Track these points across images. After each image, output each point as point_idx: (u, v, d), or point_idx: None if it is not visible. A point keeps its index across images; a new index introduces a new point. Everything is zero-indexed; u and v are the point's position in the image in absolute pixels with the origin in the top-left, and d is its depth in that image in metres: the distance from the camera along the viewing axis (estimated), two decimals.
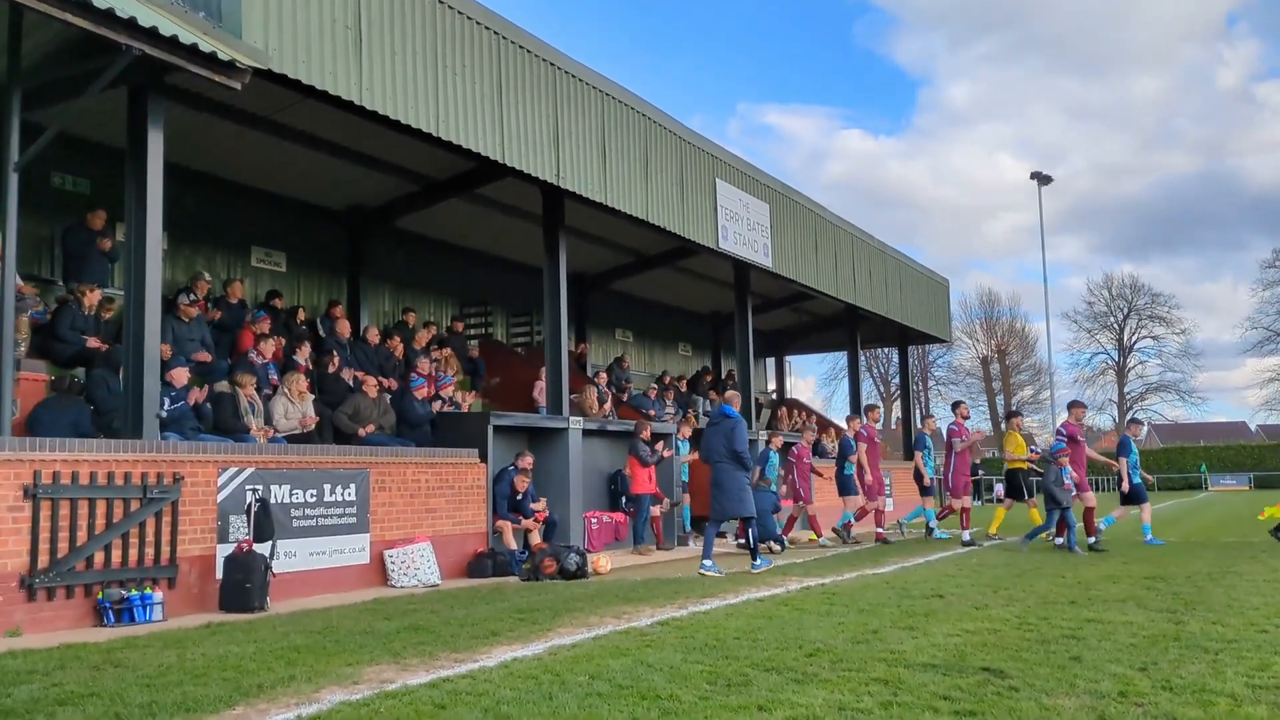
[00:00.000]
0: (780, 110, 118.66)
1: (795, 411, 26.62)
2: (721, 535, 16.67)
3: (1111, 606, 7.83)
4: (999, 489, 17.24)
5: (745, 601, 8.57)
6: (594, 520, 14.14)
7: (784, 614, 7.71)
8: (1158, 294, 72.91)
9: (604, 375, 18.63)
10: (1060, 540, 13.58)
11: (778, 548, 14.07)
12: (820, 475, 17.26)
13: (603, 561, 11.79)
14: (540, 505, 12.76)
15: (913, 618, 7.36)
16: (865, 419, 17.06)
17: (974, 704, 4.63)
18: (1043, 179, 45.33)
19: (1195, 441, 61.06)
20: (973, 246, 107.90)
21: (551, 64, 12.99)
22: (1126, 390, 69.83)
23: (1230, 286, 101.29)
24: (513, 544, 12.06)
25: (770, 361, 30.62)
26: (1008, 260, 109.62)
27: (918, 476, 16.83)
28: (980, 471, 42.70)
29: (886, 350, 55.70)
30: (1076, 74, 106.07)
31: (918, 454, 17.01)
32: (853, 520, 16.21)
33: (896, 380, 55.22)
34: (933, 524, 16.62)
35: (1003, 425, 15.56)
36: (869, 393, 63.10)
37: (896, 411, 53.45)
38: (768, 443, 16.42)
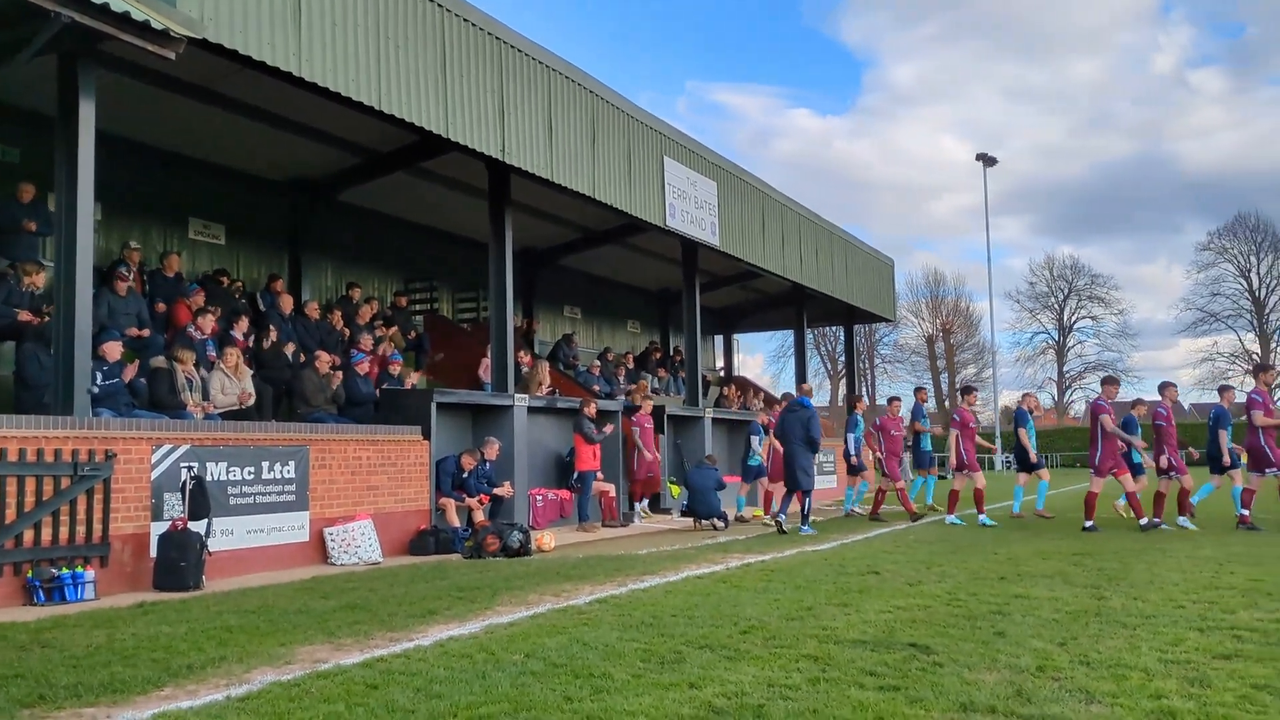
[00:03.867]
0: (729, 89, 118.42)
1: (747, 390, 26.78)
2: (666, 512, 16.91)
3: (1039, 582, 8.05)
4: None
5: (684, 579, 8.65)
6: (539, 497, 14.16)
7: (722, 591, 7.80)
8: (1097, 275, 74.40)
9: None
10: None
11: (721, 524, 14.19)
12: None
13: (546, 539, 11.82)
14: (504, 490, 12.87)
15: (847, 594, 7.50)
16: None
17: (898, 679, 4.74)
18: (988, 160, 45.99)
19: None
20: (918, 226, 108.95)
21: (497, 38, 12.85)
22: (1065, 369, 71.32)
23: (1165, 268, 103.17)
24: (456, 521, 12.04)
25: (719, 339, 30.78)
26: (951, 240, 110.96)
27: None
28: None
29: (834, 328, 56.35)
30: (1017, 57, 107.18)
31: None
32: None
33: (843, 359, 55.87)
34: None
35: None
36: (815, 370, 63.75)
37: (843, 389, 54.08)
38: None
